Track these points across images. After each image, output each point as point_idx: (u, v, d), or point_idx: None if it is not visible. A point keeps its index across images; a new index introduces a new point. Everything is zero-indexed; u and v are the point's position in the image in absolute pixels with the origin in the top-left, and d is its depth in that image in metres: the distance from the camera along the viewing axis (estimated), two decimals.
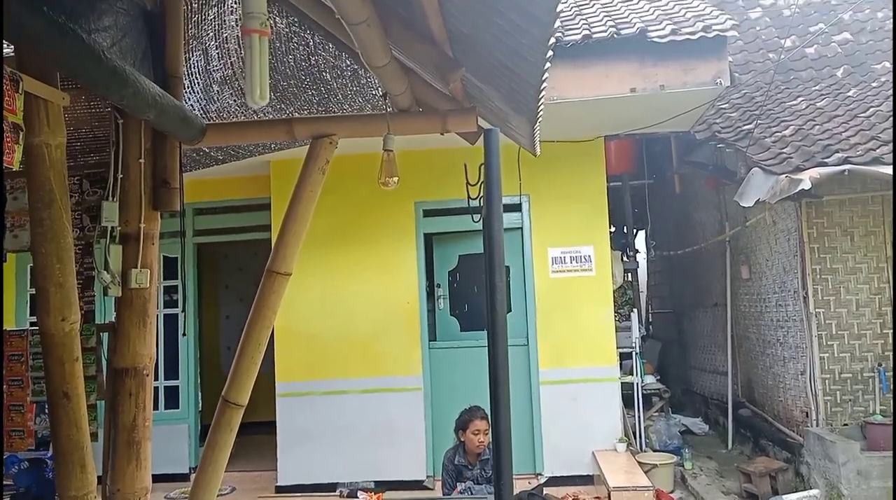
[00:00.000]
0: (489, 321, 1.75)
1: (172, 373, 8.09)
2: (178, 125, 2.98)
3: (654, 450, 7.29)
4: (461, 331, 7.68)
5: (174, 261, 8.08)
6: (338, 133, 3.25)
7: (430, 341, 7.53)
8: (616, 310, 8.36)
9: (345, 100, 4.60)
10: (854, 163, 5.60)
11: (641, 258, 11.18)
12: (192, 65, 4.23)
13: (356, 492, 4.71)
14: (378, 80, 3.16)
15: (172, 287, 8.15)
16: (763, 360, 7.50)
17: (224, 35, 4.11)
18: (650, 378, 8.15)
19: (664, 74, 5.89)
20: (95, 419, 3.42)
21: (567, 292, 7.30)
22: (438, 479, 6.76)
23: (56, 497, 2.78)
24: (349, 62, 4.04)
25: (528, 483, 6.86)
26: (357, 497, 3.75)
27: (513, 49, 2.11)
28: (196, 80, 4.41)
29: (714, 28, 5.81)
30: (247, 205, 8.15)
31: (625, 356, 7.83)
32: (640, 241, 11.44)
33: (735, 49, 8.68)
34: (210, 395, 8.09)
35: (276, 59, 4.30)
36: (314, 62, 4.22)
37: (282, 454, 7.37)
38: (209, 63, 4.33)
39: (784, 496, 6.05)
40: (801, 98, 7.56)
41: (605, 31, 5.99)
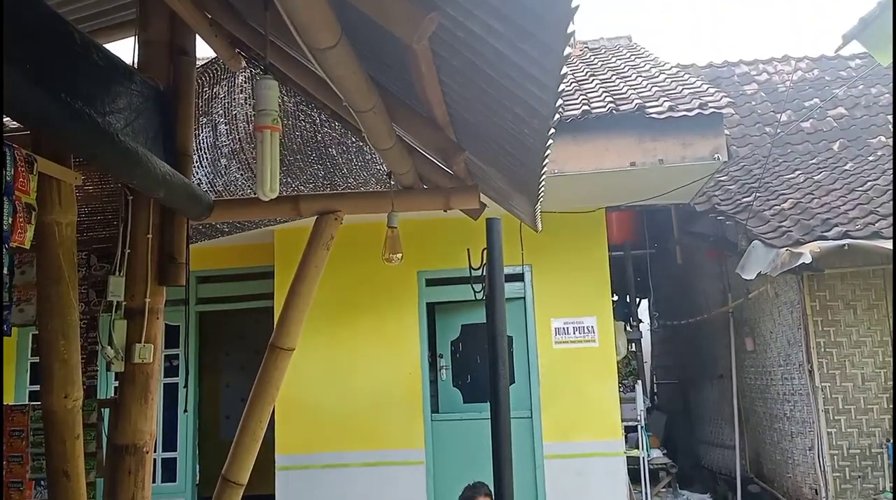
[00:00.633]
0: (492, 399, 1.76)
1: (170, 444, 7.96)
2: (187, 202, 3.04)
3: None
4: (464, 403, 7.59)
5: (175, 329, 8.05)
6: (343, 210, 3.31)
7: (433, 412, 7.44)
8: (620, 381, 8.29)
9: (350, 174, 4.70)
10: (854, 237, 5.66)
11: (644, 328, 11.13)
12: (201, 140, 4.34)
13: None
14: (383, 159, 3.23)
15: (173, 355, 8.11)
16: (770, 434, 7.39)
17: (233, 112, 4.23)
18: (656, 452, 8.02)
19: (663, 149, 5.99)
20: (94, 498, 3.37)
21: (570, 363, 7.25)
22: None
23: None
24: (354, 139, 4.14)
25: None
26: None
27: (514, 136, 2.18)
28: (204, 154, 4.52)
29: (710, 105, 5.95)
30: (250, 273, 8.18)
31: (630, 429, 7.72)
32: (643, 310, 11.42)
33: (732, 123, 8.87)
34: (208, 465, 7.95)
35: (284, 135, 4.41)
36: (320, 138, 4.33)
37: None
38: (217, 138, 4.44)
39: None
40: (799, 171, 7.68)
41: (604, 106, 6.13)
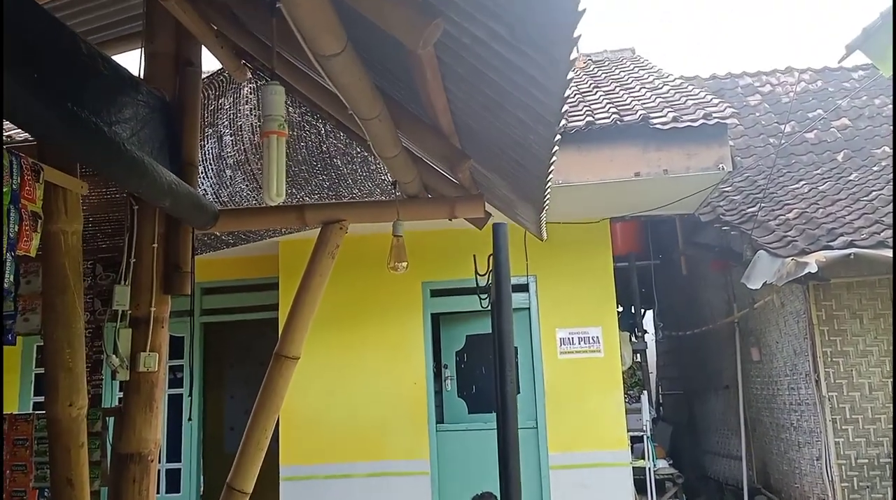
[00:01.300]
0: (499, 401, 1.75)
1: (174, 455, 7.95)
2: (192, 212, 3.05)
3: None
4: (469, 413, 7.56)
5: (180, 340, 8.07)
6: (348, 219, 3.32)
7: (438, 423, 7.42)
8: (625, 392, 8.26)
9: (354, 184, 4.71)
10: (859, 246, 5.65)
11: (650, 339, 11.10)
12: (207, 151, 4.36)
13: None
14: (388, 168, 3.24)
15: (177, 367, 8.11)
16: (777, 444, 7.34)
17: (238, 123, 4.25)
18: (662, 463, 7.97)
19: (667, 159, 6.00)
20: None
21: (576, 373, 7.23)
22: None
23: None
24: (359, 149, 4.15)
25: None
26: None
27: (519, 143, 2.18)
28: (210, 165, 4.53)
29: (714, 115, 5.96)
30: (255, 285, 8.20)
31: (635, 440, 7.68)
32: (648, 321, 11.38)
33: (736, 134, 8.88)
34: (212, 477, 7.93)
35: (289, 145, 4.43)
36: (325, 149, 4.35)
37: None
38: (223, 149, 4.46)
39: None
40: (804, 182, 7.68)
41: (609, 117, 6.15)
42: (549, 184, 2.32)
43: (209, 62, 3.65)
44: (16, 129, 4.91)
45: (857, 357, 6.15)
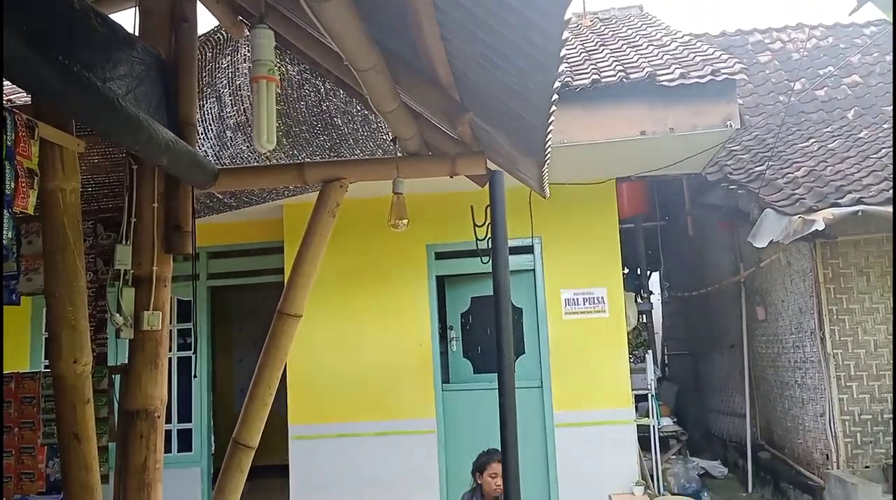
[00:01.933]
0: (497, 361, 1.75)
1: (186, 416, 8.07)
2: (191, 170, 3.04)
3: (672, 494, 7.14)
4: (474, 373, 7.63)
5: (188, 304, 8.14)
6: (348, 177, 3.29)
7: (444, 383, 7.49)
8: (631, 352, 8.30)
9: (356, 145, 4.68)
10: (867, 203, 5.59)
11: (656, 300, 11.11)
12: (206, 112, 4.32)
13: None
14: (387, 124, 3.21)
15: (187, 330, 8.19)
16: (781, 402, 7.38)
17: (237, 82, 4.21)
18: (667, 420, 8.03)
19: (674, 117, 5.92)
20: (107, 462, 3.42)
21: (580, 333, 7.25)
22: None
23: None
24: (359, 107, 4.11)
25: None
26: None
27: (519, 93, 2.15)
28: (210, 126, 4.50)
29: (723, 72, 5.86)
30: (260, 249, 8.22)
31: (640, 398, 7.73)
32: (655, 282, 11.38)
33: (745, 92, 8.76)
34: (223, 438, 8.04)
35: (289, 105, 4.39)
36: (325, 108, 4.31)
37: (295, 498, 7.29)
38: (223, 110, 4.42)
39: None
40: (813, 140, 7.59)
41: (614, 75, 6.06)
42: (550, 136, 2.29)
43: (206, 21, 3.61)
44: (15, 93, 4.88)
45: (863, 315, 6.15)
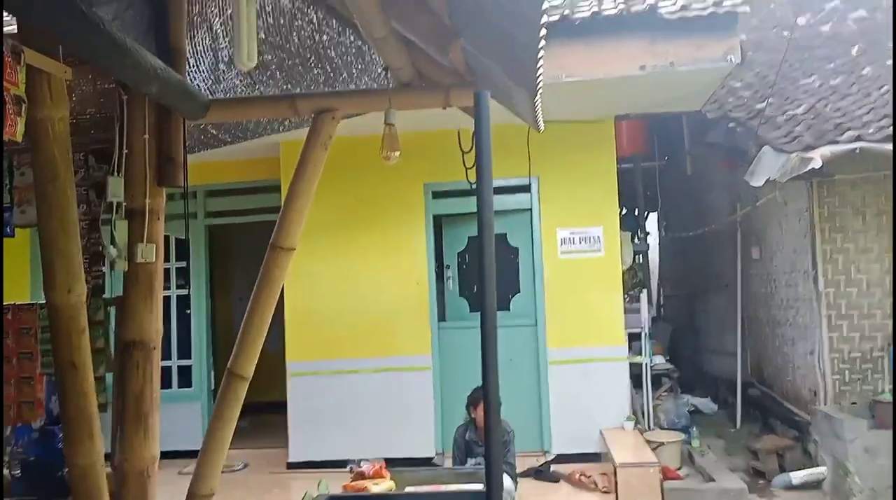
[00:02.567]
0: (480, 291, 1.77)
1: (186, 353, 8.19)
2: (181, 100, 3.01)
3: (662, 429, 7.30)
4: (470, 312, 7.70)
5: (188, 242, 8.17)
6: (340, 108, 3.27)
7: (440, 321, 7.57)
8: (626, 292, 8.35)
9: (350, 79, 4.61)
10: (866, 141, 5.54)
11: (653, 240, 11.13)
12: (198, 43, 4.24)
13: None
14: (378, 53, 3.16)
15: (186, 269, 8.24)
16: (772, 340, 7.48)
17: (229, 12, 4.12)
18: (659, 359, 8.15)
19: (674, 52, 5.83)
20: (105, 391, 3.49)
21: (576, 272, 7.30)
22: (448, 456, 6.82)
23: (65, 466, 2.84)
24: (353, 39, 4.04)
25: (536, 460, 6.91)
26: (361, 467, 3.80)
27: (509, 13, 2.11)
28: (202, 60, 4.43)
29: (725, 4, 5.75)
30: (258, 187, 8.20)
31: (634, 337, 7.83)
32: (652, 223, 11.39)
33: (749, 28, 8.57)
34: (222, 373, 8.18)
35: (282, 37, 4.31)
36: (318, 39, 4.23)
37: (293, 432, 7.46)
38: (215, 41, 4.34)
39: (791, 474, 6.06)
40: (815, 76, 7.47)
41: (615, 7, 5.93)
42: (541, 61, 2.25)
43: None
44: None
45: (857, 254, 6.17)
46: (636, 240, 8.97)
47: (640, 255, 9.62)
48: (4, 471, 3.60)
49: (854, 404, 6.06)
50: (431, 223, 7.61)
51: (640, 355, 7.60)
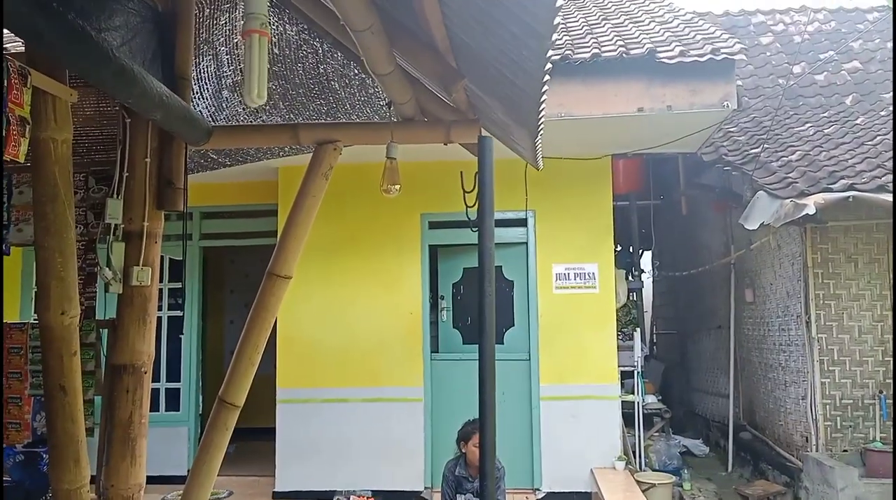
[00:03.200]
0: (479, 325, 1.78)
1: (175, 375, 8.12)
2: (185, 126, 3.02)
3: (654, 470, 7.25)
4: (463, 344, 7.68)
5: (181, 264, 8.16)
6: (342, 140, 3.29)
7: (433, 352, 7.54)
8: (620, 329, 8.35)
9: (353, 110, 4.65)
10: (859, 190, 5.61)
11: (647, 278, 11.16)
12: (203, 70, 4.28)
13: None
14: (383, 88, 3.20)
15: (179, 290, 8.21)
16: (765, 383, 7.47)
17: (235, 41, 4.16)
18: (651, 398, 8.12)
19: (672, 95, 5.92)
20: (92, 415, 3.45)
21: (570, 308, 7.30)
22: (437, 490, 6.74)
23: (49, 491, 2.80)
24: (357, 71, 4.09)
25: (526, 498, 6.84)
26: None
27: (513, 61, 2.14)
28: (206, 86, 4.47)
29: (722, 51, 5.84)
30: (254, 211, 8.21)
31: (627, 375, 7.81)
32: (647, 261, 11.42)
33: (745, 73, 8.73)
34: (211, 399, 8.05)
35: (286, 67, 4.36)
36: (323, 70, 4.28)
37: (280, 461, 7.37)
38: (219, 69, 4.38)
39: None
40: (810, 124, 7.58)
41: (615, 50, 6.03)
42: (544, 105, 2.29)
43: None
44: (8, 41, 4.82)
45: (850, 300, 6.20)
46: (630, 277, 9.00)
47: (635, 292, 9.63)
48: None
49: (845, 451, 6.04)
50: (427, 253, 7.62)
51: (633, 393, 7.58)
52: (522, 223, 7.46)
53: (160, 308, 7.78)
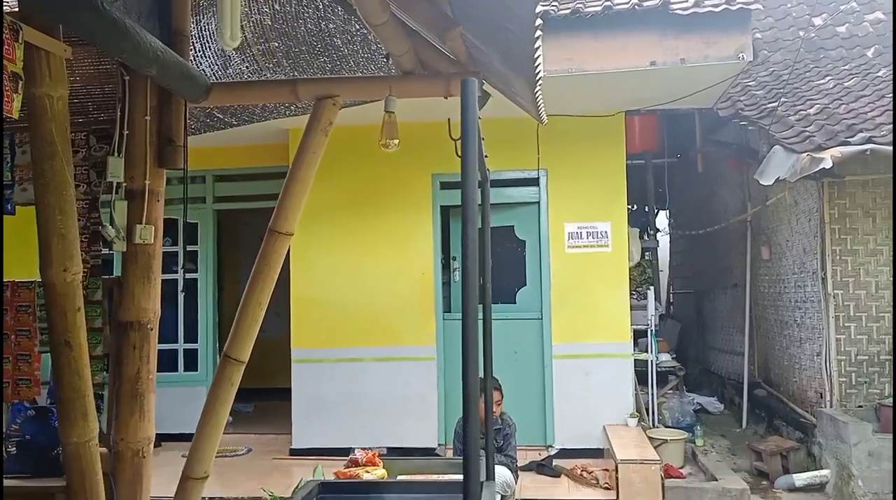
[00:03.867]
0: (463, 283, 1.76)
1: (193, 336, 8.24)
2: (182, 82, 3.00)
3: (667, 427, 7.27)
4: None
5: (196, 226, 8.23)
6: (340, 94, 3.26)
7: (445, 312, 7.57)
8: (635, 288, 8.32)
9: (357, 67, 4.60)
10: (878, 143, 5.48)
11: (662, 238, 11.07)
12: (204, 27, 4.25)
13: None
14: (379, 40, 3.15)
15: (196, 253, 8.28)
16: (780, 341, 7.42)
17: None
18: (665, 356, 8.11)
19: (685, 48, 5.78)
20: (102, 371, 3.51)
21: (583, 267, 7.27)
22: (450, 447, 6.83)
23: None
24: (358, 27, 4.03)
25: (539, 455, 6.91)
26: (356, 455, 3.81)
27: (505, 5, 2.09)
28: (209, 44, 4.43)
29: (738, 0, 5.68)
30: (267, 173, 8.21)
31: (641, 334, 7.79)
32: (662, 220, 11.32)
33: (764, 26, 8.50)
34: None
35: (288, 24, 4.31)
36: (324, 27, 4.22)
37: (296, 419, 7.49)
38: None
39: (794, 475, 6.03)
40: (830, 77, 7.39)
41: (627, 2, 5.89)
42: (539, 53, 2.24)
43: None
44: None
45: (867, 256, 6.11)
46: (646, 237, 8.93)
47: (650, 252, 9.56)
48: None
49: (860, 407, 6.01)
50: (439, 214, 7.60)
51: (646, 352, 7.57)
52: (534, 182, 7.40)
53: (175, 271, 7.86)
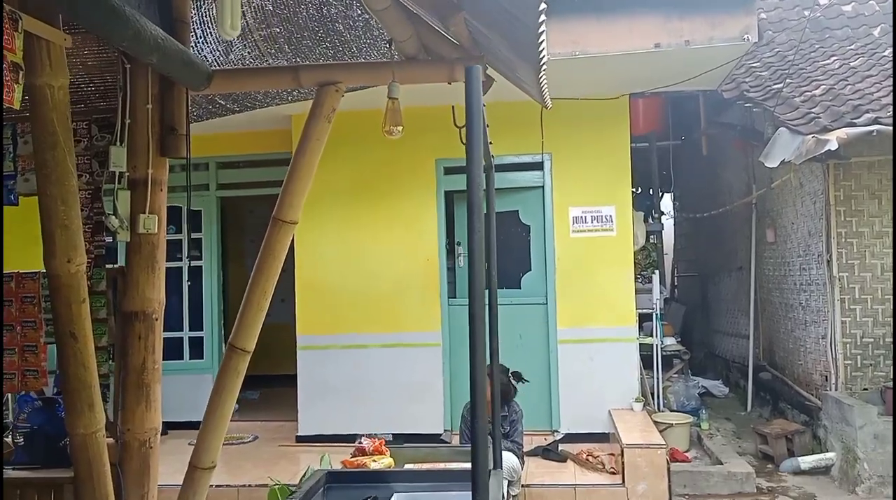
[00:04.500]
0: (470, 270, 1.75)
1: (198, 324, 8.25)
2: (183, 70, 2.97)
3: (672, 411, 7.28)
4: None
5: (200, 214, 8.22)
6: (343, 80, 3.23)
7: (450, 298, 7.56)
8: (639, 272, 8.29)
9: (359, 53, 4.56)
10: (884, 124, 5.43)
11: (667, 221, 11.04)
12: (205, 14, 4.21)
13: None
14: (382, 25, 3.12)
15: (201, 240, 8.28)
16: (785, 323, 7.41)
17: None
18: (670, 340, 8.10)
19: (690, 29, 5.73)
20: (107, 361, 3.51)
21: (587, 251, 7.25)
22: (455, 433, 6.85)
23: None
24: (360, 12, 3.99)
25: (545, 439, 6.93)
26: (362, 443, 3.81)
27: None
28: (210, 30, 4.40)
29: None
30: (270, 160, 8.19)
31: (646, 318, 7.78)
32: (667, 203, 11.28)
33: (769, 6, 8.42)
34: None
35: (290, 9, 4.27)
36: (326, 12, 4.18)
37: (302, 406, 7.51)
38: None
39: (800, 458, 6.04)
40: (835, 57, 7.32)
41: None
42: (543, 37, 2.21)
43: None
44: None
45: (872, 238, 6.08)
46: (650, 220, 8.90)
47: (654, 235, 9.53)
48: (7, 440, 3.65)
49: (865, 390, 6.01)
50: (443, 199, 7.58)
51: (651, 336, 7.56)
52: (538, 166, 7.37)
53: (179, 259, 7.86)
